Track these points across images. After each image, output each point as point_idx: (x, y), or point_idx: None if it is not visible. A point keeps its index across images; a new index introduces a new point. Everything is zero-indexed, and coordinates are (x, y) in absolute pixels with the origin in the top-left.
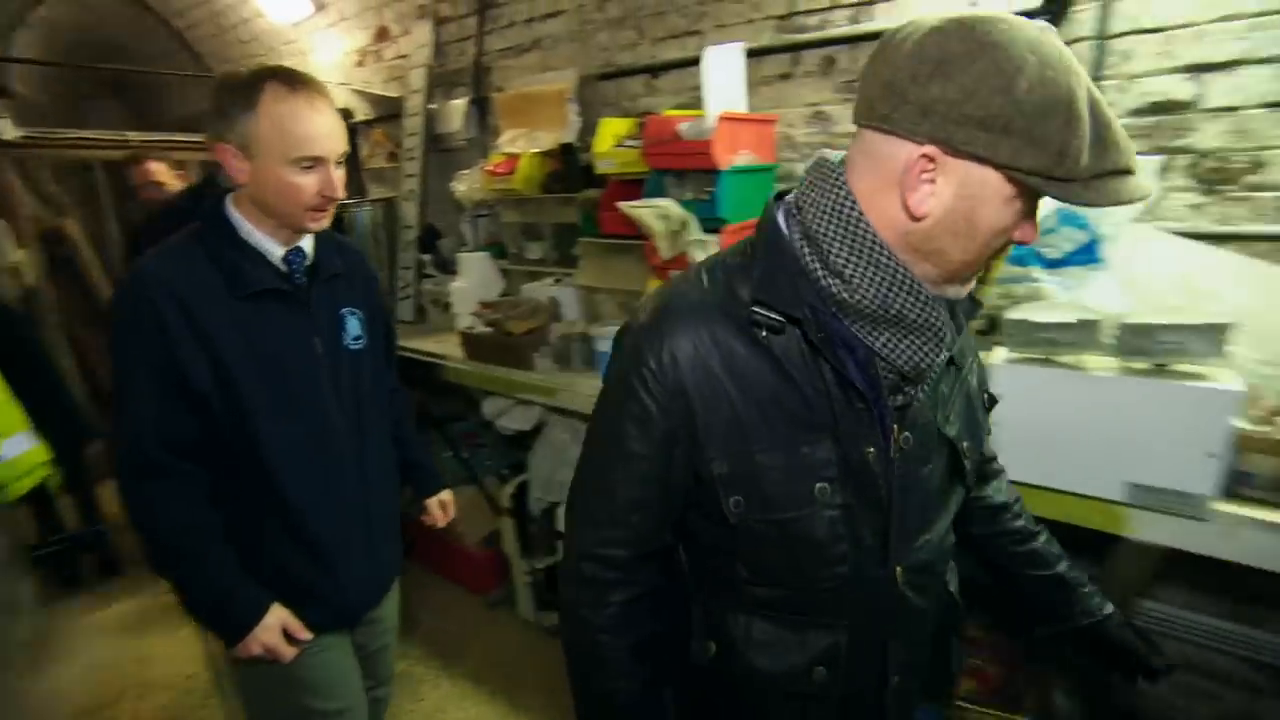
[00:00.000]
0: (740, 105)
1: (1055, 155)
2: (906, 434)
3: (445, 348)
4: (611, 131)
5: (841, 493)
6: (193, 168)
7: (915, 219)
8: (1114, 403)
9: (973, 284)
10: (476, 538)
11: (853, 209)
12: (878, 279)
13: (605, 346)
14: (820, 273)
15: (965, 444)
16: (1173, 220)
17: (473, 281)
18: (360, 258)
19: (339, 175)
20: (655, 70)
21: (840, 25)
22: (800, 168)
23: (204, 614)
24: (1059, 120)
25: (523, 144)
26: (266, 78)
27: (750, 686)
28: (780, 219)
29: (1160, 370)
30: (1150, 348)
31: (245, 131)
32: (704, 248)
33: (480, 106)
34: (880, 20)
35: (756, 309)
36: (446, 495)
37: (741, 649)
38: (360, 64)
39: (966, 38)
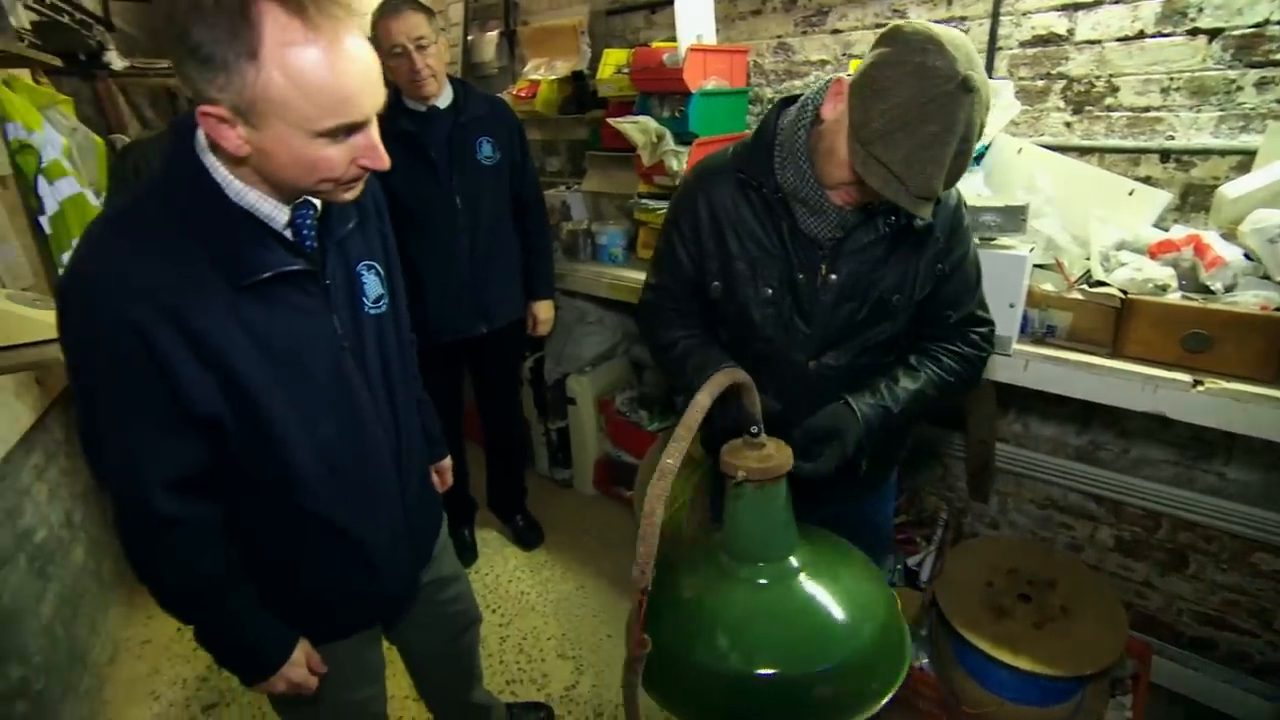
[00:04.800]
0: (710, 38)
1: (863, 118)
2: (832, 275)
3: None
4: (613, 61)
5: (777, 294)
6: None
7: (821, 120)
8: None
9: (841, 198)
10: None
11: (799, 131)
12: (796, 172)
13: (605, 240)
14: (777, 159)
15: (896, 297)
16: (1050, 135)
17: None
18: (370, 188)
19: (376, 133)
20: (654, 6)
21: None
22: (768, 91)
23: (224, 660)
24: (882, 103)
25: (543, 72)
26: (258, 3)
27: None
28: (776, 118)
29: (986, 243)
30: (975, 225)
31: (244, 93)
32: (678, 157)
33: (509, 38)
34: None
35: (740, 173)
36: (445, 463)
37: None
38: None
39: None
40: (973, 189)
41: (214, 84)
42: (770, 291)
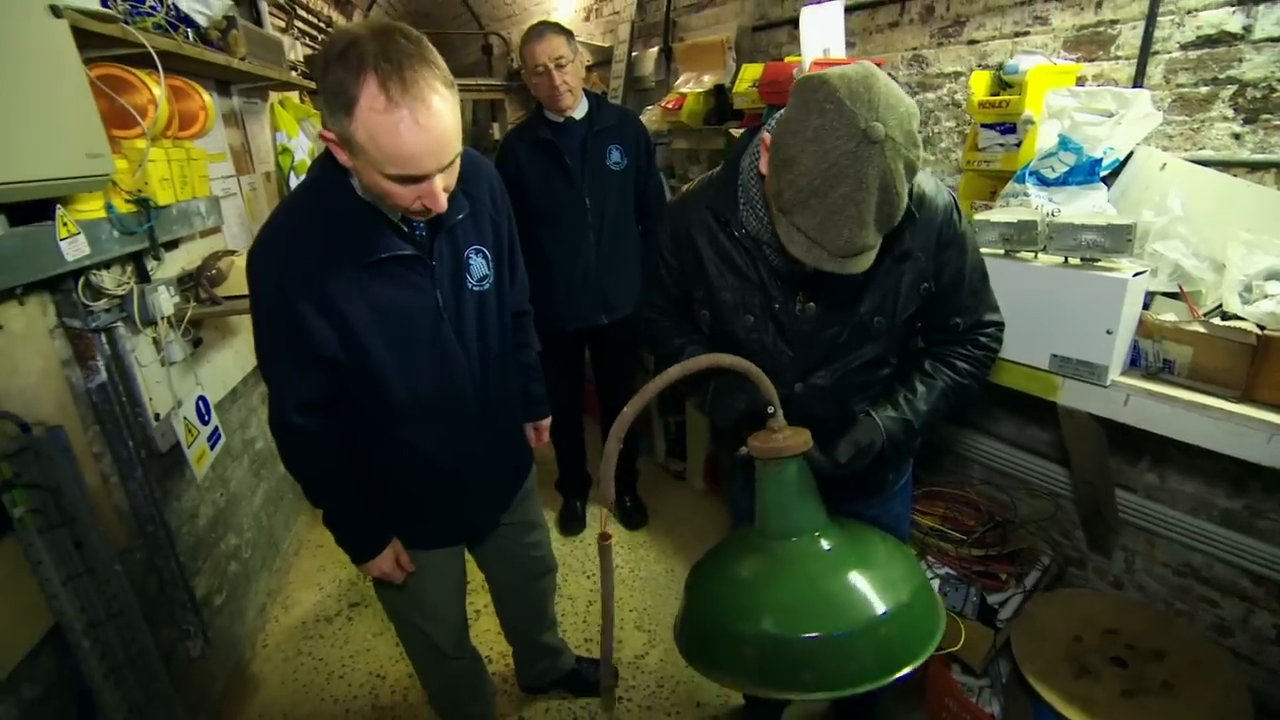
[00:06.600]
0: (839, 51)
1: (776, 189)
2: (810, 303)
3: None
4: (749, 75)
5: (759, 323)
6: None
7: (762, 175)
8: (1044, 287)
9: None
10: None
11: (752, 177)
12: (757, 219)
13: None
14: (741, 200)
15: (877, 320)
16: (1212, 149)
17: None
18: (488, 180)
19: (445, 182)
20: (797, 22)
21: None
22: None
23: (339, 540)
24: (789, 173)
25: (691, 85)
26: (366, 72)
27: None
28: (743, 154)
29: (1087, 264)
30: (1074, 244)
31: (343, 132)
32: None
33: (667, 54)
34: None
35: (710, 209)
36: (544, 423)
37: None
38: (586, 19)
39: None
40: (1093, 206)
41: (330, 117)
42: (752, 320)
